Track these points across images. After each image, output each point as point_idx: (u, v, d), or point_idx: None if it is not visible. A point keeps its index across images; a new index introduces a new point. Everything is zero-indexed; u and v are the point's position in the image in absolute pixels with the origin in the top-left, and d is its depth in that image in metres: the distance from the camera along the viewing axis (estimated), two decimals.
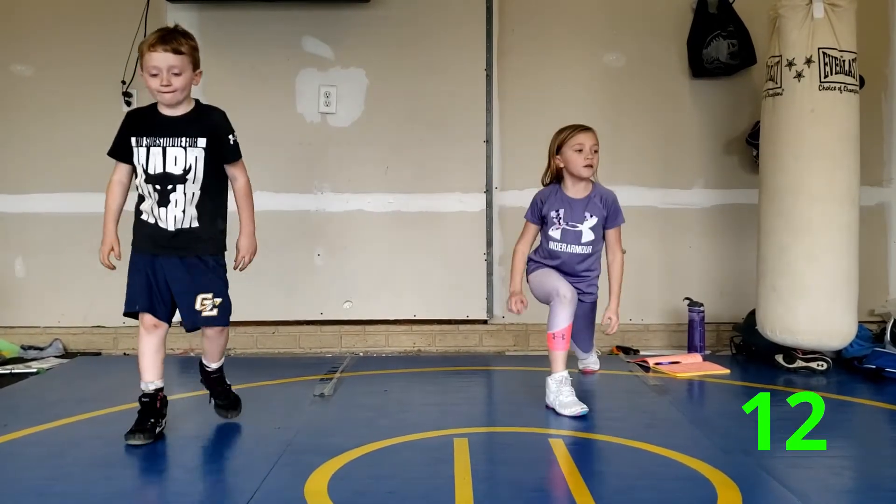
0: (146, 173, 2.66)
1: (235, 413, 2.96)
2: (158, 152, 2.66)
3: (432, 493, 2.21)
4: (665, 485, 2.29)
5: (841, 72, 3.59)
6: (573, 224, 3.24)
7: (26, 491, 2.27)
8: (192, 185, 2.68)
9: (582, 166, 3.18)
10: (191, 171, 2.67)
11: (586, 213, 3.24)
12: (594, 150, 3.19)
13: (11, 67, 4.43)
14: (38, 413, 3.05)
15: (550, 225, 3.26)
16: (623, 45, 4.47)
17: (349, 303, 4.43)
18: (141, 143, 2.67)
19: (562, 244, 3.26)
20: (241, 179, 2.79)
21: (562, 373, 3.08)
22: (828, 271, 3.60)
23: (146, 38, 2.66)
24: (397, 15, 4.37)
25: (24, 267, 4.46)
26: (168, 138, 2.66)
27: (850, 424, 3.04)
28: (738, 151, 4.49)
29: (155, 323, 2.69)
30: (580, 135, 3.20)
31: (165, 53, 2.60)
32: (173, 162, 2.66)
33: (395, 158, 4.40)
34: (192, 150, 2.67)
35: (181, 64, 2.63)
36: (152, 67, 2.61)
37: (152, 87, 2.64)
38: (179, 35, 2.66)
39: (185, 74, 2.64)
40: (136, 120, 2.72)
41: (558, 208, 3.25)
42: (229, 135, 2.73)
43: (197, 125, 2.70)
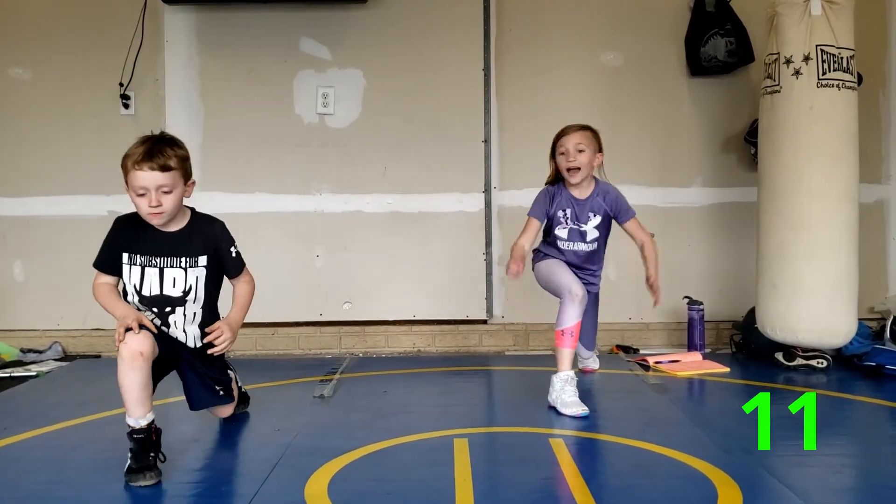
0: (139, 294, 2.46)
1: (243, 407, 2.99)
2: (154, 273, 2.45)
3: (432, 494, 2.20)
4: (665, 484, 2.29)
5: (839, 69, 3.59)
6: (578, 224, 3.27)
7: (26, 495, 2.26)
8: (192, 305, 2.51)
9: (566, 170, 3.20)
10: (191, 293, 2.49)
11: (590, 212, 3.27)
12: (578, 149, 3.17)
13: (9, 71, 4.43)
14: (38, 416, 3.05)
15: (557, 224, 3.28)
16: (621, 43, 4.47)
17: (348, 304, 4.42)
18: (134, 262, 2.45)
19: (568, 242, 3.29)
20: (247, 288, 2.63)
21: (568, 372, 3.07)
22: (827, 269, 3.60)
23: (129, 151, 2.36)
24: (394, 15, 4.37)
25: (23, 270, 4.45)
26: (165, 258, 2.45)
27: (851, 422, 3.04)
28: (737, 149, 4.48)
29: (141, 349, 2.31)
30: (562, 138, 3.22)
31: (153, 172, 2.32)
32: (171, 284, 2.46)
33: (393, 159, 4.40)
34: (193, 271, 2.48)
35: (171, 181, 2.35)
36: (139, 188, 2.34)
37: (140, 209, 2.39)
38: (166, 146, 2.37)
39: (175, 192, 2.38)
40: (128, 232, 2.47)
41: (565, 208, 3.26)
42: (230, 247, 2.56)
43: (197, 242, 2.49)
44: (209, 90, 4.37)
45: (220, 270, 2.56)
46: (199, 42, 4.36)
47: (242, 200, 4.34)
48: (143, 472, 2.28)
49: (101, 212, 4.38)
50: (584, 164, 3.19)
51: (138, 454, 2.32)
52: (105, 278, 2.49)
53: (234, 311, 2.58)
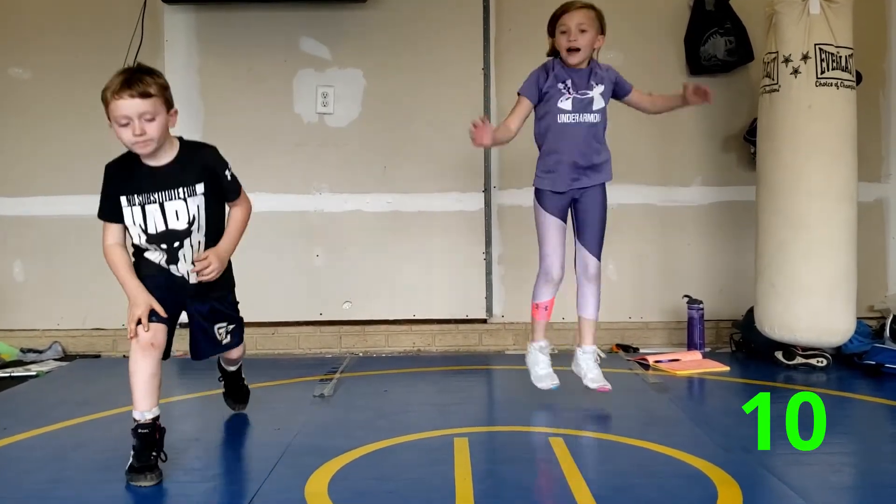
0: (146, 233, 2.42)
1: (242, 406, 3.00)
2: (156, 209, 2.40)
3: (432, 494, 2.21)
4: (665, 483, 2.29)
5: (838, 68, 3.59)
6: (583, 92, 3.05)
7: (27, 494, 2.26)
8: (197, 234, 2.47)
9: (565, 49, 3.01)
10: (195, 222, 2.45)
11: (592, 81, 3.07)
12: (581, 28, 2.98)
13: (9, 71, 4.42)
14: (38, 416, 3.05)
15: (559, 97, 3.04)
16: (620, 43, 4.45)
17: (348, 303, 4.42)
18: (133, 202, 2.40)
19: (573, 115, 3.04)
20: (240, 214, 2.57)
21: (541, 342, 3.17)
22: (826, 268, 3.61)
23: (107, 83, 2.33)
24: (394, 15, 4.37)
25: (22, 270, 4.45)
26: (163, 192, 2.40)
27: (850, 421, 3.04)
28: (736, 148, 4.49)
29: (152, 341, 2.34)
30: (564, 14, 3.02)
31: (132, 100, 2.28)
32: (175, 217, 2.42)
33: (393, 158, 4.40)
34: (193, 200, 2.43)
35: (153, 108, 2.31)
36: (121, 117, 2.30)
37: (125, 140, 2.35)
38: (145, 74, 2.34)
39: (158, 119, 2.33)
40: (120, 175, 2.43)
41: (565, 79, 3.05)
42: (225, 171, 2.50)
43: (191, 170, 2.43)
44: (209, 89, 4.36)
45: (218, 195, 2.50)
46: (198, 41, 4.36)
47: None
48: (144, 473, 2.29)
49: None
50: (585, 46, 3.01)
51: (140, 452, 2.31)
52: (112, 233, 2.44)
53: (224, 240, 2.52)
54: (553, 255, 3.12)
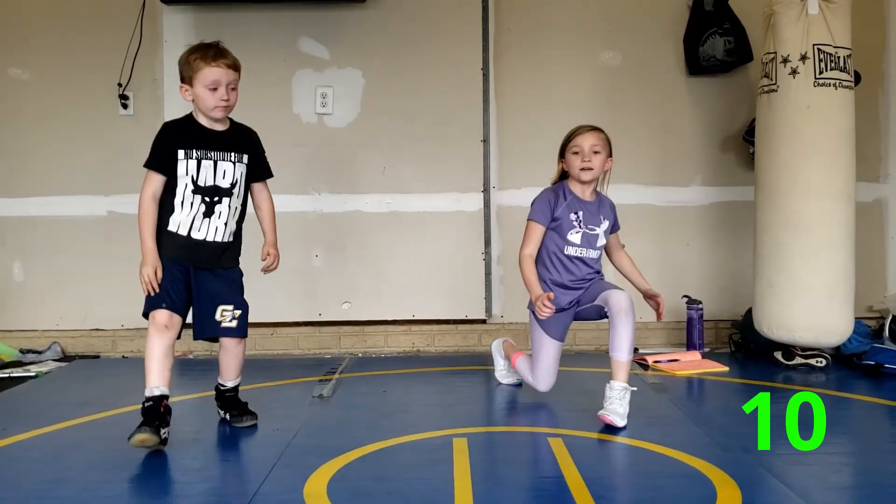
0: (195, 184, 2.68)
1: (251, 418, 2.92)
2: (210, 165, 2.69)
3: (432, 494, 2.21)
4: (664, 483, 2.29)
5: (836, 68, 3.59)
6: (591, 227, 3.08)
7: (26, 495, 2.26)
8: (236, 199, 2.76)
9: (578, 169, 3.03)
10: (236, 186, 2.75)
11: (600, 216, 3.12)
12: (594, 150, 3.02)
13: (8, 71, 4.43)
14: (37, 417, 3.05)
15: (569, 229, 3.06)
16: (619, 43, 4.47)
17: (348, 304, 4.43)
18: (191, 156, 2.68)
19: (580, 248, 3.07)
20: (267, 193, 2.94)
21: None
22: (825, 268, 3.61)
23: (195, 51, 2.68)
24: (393, 15, 4.37)
25: (22, 270, 4.45)
26: (218, 152, 2.71)
27: (850, 421, 3.04)
28: (735, 148, 4.49)
29: (167, 323, 2.61)
30: (578, 136, 3.06)
31: (227, 69, 2.66)
32: (223, 175, 2.72)
33: (392, 159, 4.40)
34: (239, 166, 2.76)
35: (237, 79, 2.70)
36: (212, 81, 2.64)
37: (208, 101, 2.66)
38: (229, 51, 2.72)
39: (237, 90, 2.72)
40: (180, 132, 2.72)
41: (576, 210, 3.07)
42: (264, 154, 2.88)
43: (241, 142, 2.78)
44: None
45: (255, 173, 2.84)
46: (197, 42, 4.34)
47: None
48: (141, 429, 2.48)
49: (101, 212, 4.39)
50: (598, 167, 3.04)
51: (144, 420, 2.53)
52: (154, 185, 2.66)
53: (270, 233, 2.93)
54: (545, 375, 3.17)
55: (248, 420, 2.90)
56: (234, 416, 2.91)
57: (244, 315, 2.80)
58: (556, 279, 3.10)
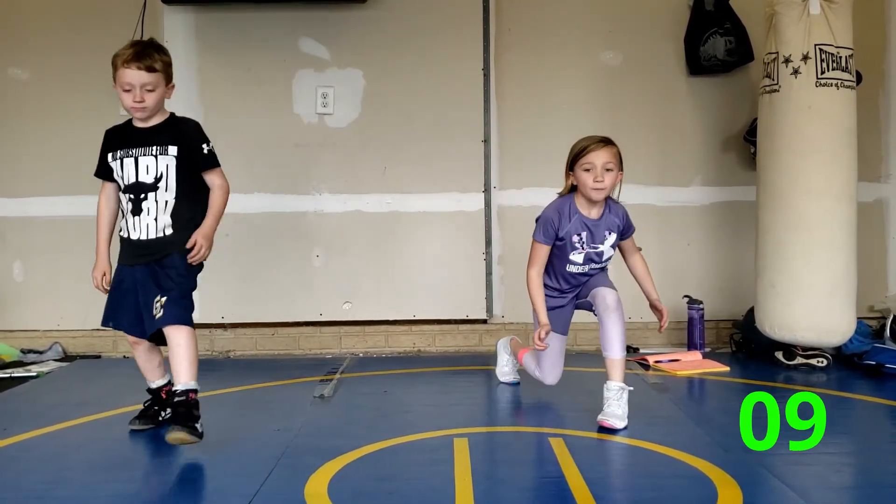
0: (123, 185, 2.70)
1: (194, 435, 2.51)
2: (131, 162, 2.68)
3: (432, 494, 2.21)
4: (665, 483, 2.29)
5: (838, 68, 3.59)
6: (594, 246, 3.02)
7: (26, 495, 2.26)
8: (164, 193, 2.68)
9: (591, 188, 2.91)
10: (162, 179, 2.67)
11: (606, 231, 3.02)
12: (606, 167, 2.90)
13: (8, 71, 4.42)
14: (38, 417, 3.05)
15: (572, 249, 3.01)
16: (620, 43, 4.47)
17: (348, 304, 4.42)
18: (116, 157, 2.71)
19: (583, 266, 3.05)
20: (217, 183, 2.75)
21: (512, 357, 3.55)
22: (826, 268, 3.61)
23: (119, 51, 2.67)
24: (394, 15, 4.37)
25: (22, 271, 4.45)
26: (139, 148, 2.68)
27: (851, 421, 3.04)
28: (736, 148, 4.49)
29: (134, 340, 2.78)
30: (591, 153, 2.91)
31: (139, 71, 2.62)
32: (145, 171, 2.67)
33: (392, 159, 4.40)
34: (163, 158, 2.68)
35: (154, 81, 2.64)
36: (125, 83, 2.63)
37: (124, 102, 2.67)
38: (153, 50, 2.67)
39: (157, 91, 2.66)
40: (113, 136, 2.77)
41: (580, 231, 2.99)
42: (202, 143, 2.72)
43: (168, 134, 2.70)
44: (208, 90, 4.37)
45: (193, 165, 2.70)
46: (198, 42, 4.36)
47: (241, 200, 4.32)
48: (137, 419, 2.88)
49: None
50: (609, 185, 2.93)
51: (145, 407, 2.90)
52: (103, 192, 2.80)
53: (207, 220, 2.72)
54: (551, 369, 3.19)
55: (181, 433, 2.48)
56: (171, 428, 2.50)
57: (171, 301, 2.58)
58: (557, 286, 3.12)
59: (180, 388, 2.57)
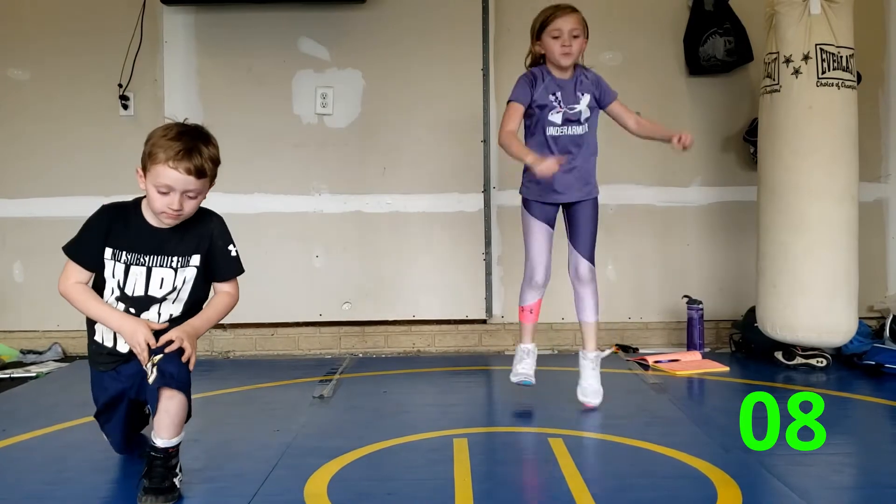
0: (122, 291, 2.19)
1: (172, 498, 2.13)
2: (141, 272, 2.17)
3: (432, 494, 2.20)
4: (665, 483, 2.29)
5: (838, 68, 3.59)
6: (571, 105, 3.03)
7: (26, 496, 2.26)
8: (170, 305, 2.22)
9: (559, 54, 2.97)
10: (174, 292, 2.21)
11: (578, 92, 3.04)
12: (573, 34, 2.96)
13: (8, 72, 4.42)
14: (38, 417, 3.05)
15: (550, 109, 3.02)
16: (619, 43, 4.47)
17: (348, 304, 4.42)
18: (119, 258, 2.18)
19: (562, 128, 3.03)
20: (227, 301, 2.27)
21: (528, 345, 3.20)
22: (827, 268, 3.61)
23: (160, 139, 2.09)
24: (393, 15, 4.37)
25: (22, 271, 4.45)
26: (155, 256, 2.18)
27: (851, 421, 3.04)
28: (736, 149, 4.49)
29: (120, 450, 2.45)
30: (558, 20, 2.98)
31: (188, 176, 2.07)
32: (158, 284, 2.18)
33: (392, 159, 4.40)
34: (183, 271, 2.20)
35: (200, 187, 2.12)
36: (164, 185, 2.08)
37: (155, 205, 2.11)
38: (203, 146, 2.11)
39: (200, 197, 2.14)
40: (115, 225, 2.19)
41: (554, 91, 3.02)
42: (228, 245, 2.25)
43: (191, 239, 2.21)
44: (208, 91, 4.36)
45: (213, 272, 2.26)
46: (197, 42, 4.36)
47: (241, 201, 4.33)
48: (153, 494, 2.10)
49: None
50: (577, 51, 3.00)
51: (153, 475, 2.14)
52: (77, 275, 2.19)
53: (198, 319, 2.20)
54: (538, 260, 3.11)
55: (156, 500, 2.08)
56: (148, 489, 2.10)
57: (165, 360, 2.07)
58: None
59: (160, 444, 2.12)
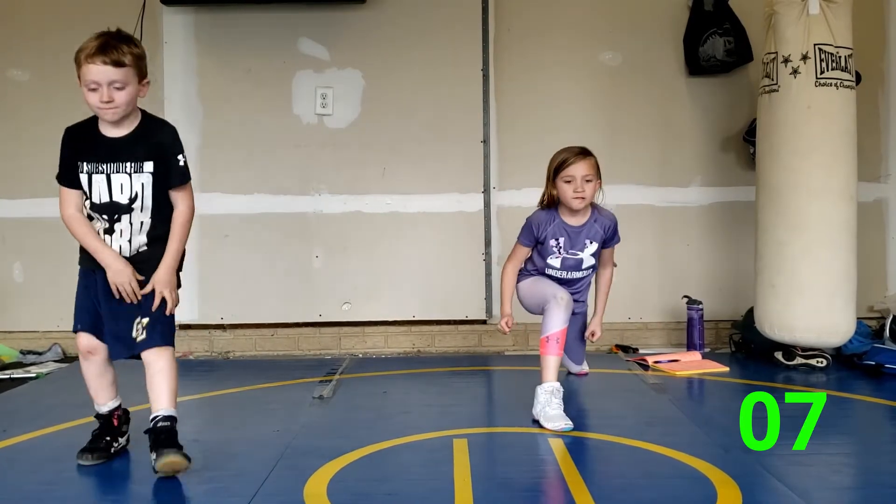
0: (91, 202, 2.41)
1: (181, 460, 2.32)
2: (102, 180, 2.37)
3: (432, 495, 2.20)
4: (665, 483, 2.29)
5: (837, 68, 3.59)
6: (573, 252, 3.16)
7: (26, 496, 2.26)
8: (139, 213, 2.40)
9: (571, 198, 3.06)
10: (137, 199, 2.39)
11: (586, 240, 3.16)
12: (586, 179, 3.04)
13: (8, 72, 4.43)
14: (38, 418, 3.05)
15: (549, 253, 3.17)
16: (619, 43, 4.47)
17: (348, 304, 4.42)
18: (82, 170, 2.38)
19: (561, 272, 3.20)
20: (182, 206, 2.43)
21: (553, 383, 2.91)
22: (826, 268, 3.60)
23: (83, 44, 2.34)
24: (393, 16, 4.37)
25: (22, 272, 4.45)
26: (112, 163, 2.37)
27: (850, 421, 3.04)
28: (736, 149, 4.49)
29: (89, 349, 2.46)
30: (571, 166, 3.05)
31: (105, 66, 2.29)
32: (119, 190, 2.38)
33: (392, 159, 4.40)
34: (139, 177, 2.38)
35: (124, 77, 2.31)
36: (91, 82, 2.30)
37: (91, 104, 2.34)
38: (122, 42, 2.35)
39: (128, 88, 2.33)
40: (77, 141, 2.41)
41: (558, 237, 3.14)
42: (178, 155, 2.42)
43: (143, 146, 2.39)
44: (207, 91, 4.36)
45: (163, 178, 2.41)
46: (197, 43, 4.36)
47: (241, 201, 4.34)
48: (86, 452, 2.47)
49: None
50: (589, 195, 3.07)
51: (94, 436, 2.52)
52: (71, 200, 2.43)
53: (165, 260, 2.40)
54: (551, 287, 3.13)
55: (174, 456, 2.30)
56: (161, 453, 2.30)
57: (155, 321, 2.37)
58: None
59: (162, 413, 2.34)
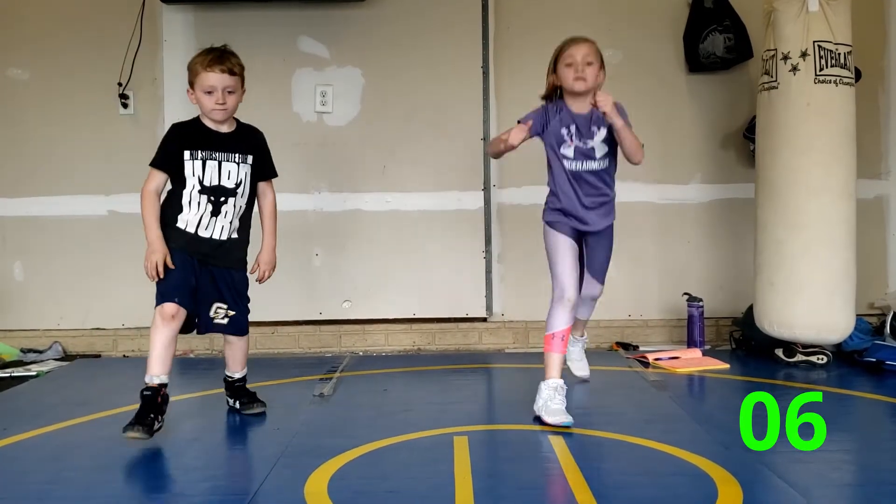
0: (201, 184, 2.81)
1: (260, 405, 3.06)
2: (214, 166, 2.83)
3: (432, 493, 2.21)
4: (665, 481, 2.29)
5: (836, 65, 3.59)
6: (585, 140, 3.02)
7: (26, 495, 2.27)
8: (240, 198, 2.89)
9: (572, 80, 2.97)
10: (241, 186, 2.88)
11: (594, 126, 3.02)
12: (587, 61, 2.96)
13: (8, 72, 4.42)
14: (38, 416, 3.05)
15: (561, 143, 3.03)
16: (619, 41, 4.46)
17: (348, 302, 4.42)
18: (196, 157, 2.81)
19: (575, 162, 3.02)
20: (271, 195, 3.05)
21: (557, 380, 2.89)
22: (825, 265, 3.60)
23: (197, 58, 2.82)
24: (393, 13, 4.37)
25: (22, 270, 4.45)
26: (223, 153, 2.85)
27: (851, 418, 3.04)
28: (736, 146, 4.48)
29: (174, 314, 2.73)
30: (570, 48, 2.99)
31: (222, 74, 2.77)
32: (227, 176, 2.85)
33: (392, 157, 4.40)
34: (243, 167, 2.89)
35: (235, 84, 2.81)
36: (208, 86, 2.78)
37: (206, 105, 2.80)
38: (232, 56, 2.84)
39: (236, 94, 2.83)
40: (187, 133, 2.86)
41: (569, 124, 3.02)
42: (270, 154, 3.02)
43: (245, 143, 2.91)
44: None
45: (260, 173, 2.97)
46: (197, 41, 4.34)
47: None
48: (135, 426, 2.57)
49: (101, 212, 4.39)
50: (591, 78, 2.97)
51: (141, 411, 2.63)
52: (156, 182, 2.81)
53: (268, 237, 3.05)
54: (567, 276, 2.99)
55: (258, 407, 3.04)
56: (244, 403, 3.05)
57: (238, 316, 2.95)
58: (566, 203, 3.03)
59: (237, 375, 3.07)
